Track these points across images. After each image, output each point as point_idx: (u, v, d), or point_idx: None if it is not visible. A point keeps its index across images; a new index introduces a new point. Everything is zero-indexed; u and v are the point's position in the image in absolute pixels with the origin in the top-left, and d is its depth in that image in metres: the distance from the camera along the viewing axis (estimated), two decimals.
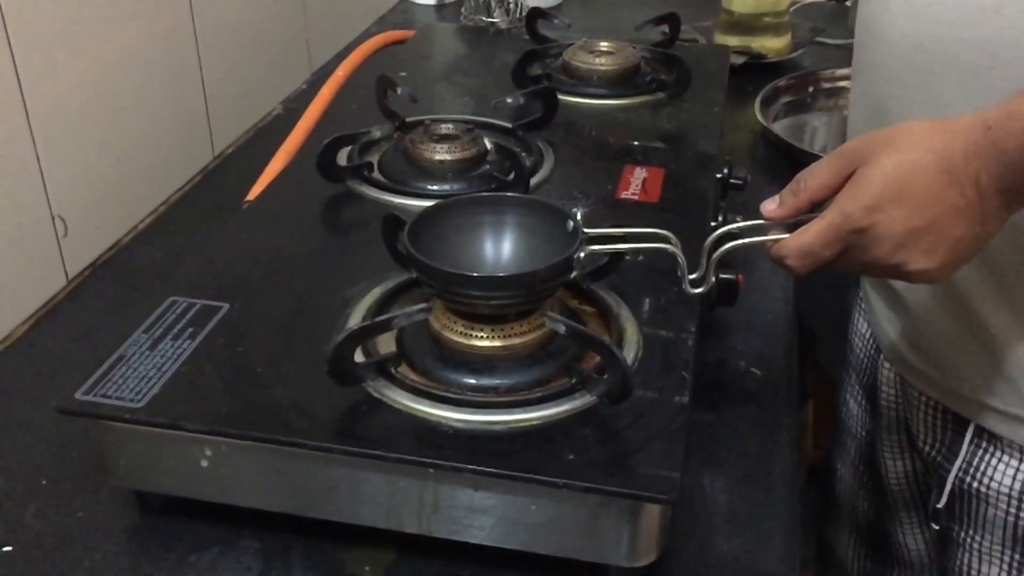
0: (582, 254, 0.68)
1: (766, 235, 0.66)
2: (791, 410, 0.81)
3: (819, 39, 1.51)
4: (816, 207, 0.65)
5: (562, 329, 0.67)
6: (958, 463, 0.80)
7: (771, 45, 1.47)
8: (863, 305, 0.95)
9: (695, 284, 0.68)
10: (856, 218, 0.61)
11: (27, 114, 0.90)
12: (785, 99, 1.34)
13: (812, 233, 0.63)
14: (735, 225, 0.67)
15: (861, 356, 0.96)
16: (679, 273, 0.68)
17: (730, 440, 0.78)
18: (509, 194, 0.82)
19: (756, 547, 0.68)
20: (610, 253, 0.73)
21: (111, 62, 1.01)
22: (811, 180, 0.65)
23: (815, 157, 1.14)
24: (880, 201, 0.61)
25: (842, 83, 1.38)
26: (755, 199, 1.00)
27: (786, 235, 0.64)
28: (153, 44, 1.08)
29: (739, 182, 1.01)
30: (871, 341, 0.93)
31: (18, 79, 0.89)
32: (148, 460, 0.67)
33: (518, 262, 0.73)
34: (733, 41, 1.45)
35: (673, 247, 0.67)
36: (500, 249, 0.74)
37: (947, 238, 0.61)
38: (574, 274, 0.70)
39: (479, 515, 0.64)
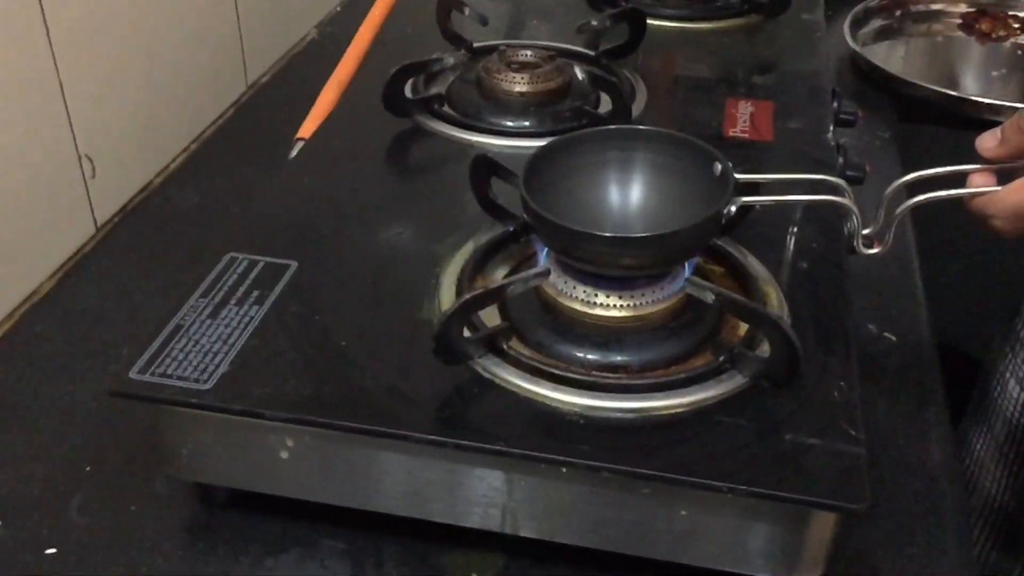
0: (733, 208, 0.57)
1: (968, 186, 0.54)
2: (940, 383, 0.71)
3: None
4: None
5: (709, 298, 0.56)
6: None
7: None
8: None
9: (869, 242, 0.56)
10: None
11: (50, 43, 0.78)
12: (876, 23, 1.21)
13: None
14: (927, 171, 0.55)
15: None
16: (850, 230, 0.56)
17: (874, 420, 0.67)
18: (642, 127, 0.71)
19: (925, 555, 0.59)
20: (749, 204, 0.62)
21: None
22: None
23: (914, 87, 1.05)
24: None
25: (936, 6, 1.26)
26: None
27: (997, 188, 0.52)
28: None
29: (850, 117, 0.90)
30: None
31: (40, 5, 0.77)
32: (217, 451, 0.57)
33: (655, 214, 0.62)
34: None
35: (846, 199, 0.55)
36: (629, 197, 0.63)
37: None
38: None
39: (613, 520, 0.54)
